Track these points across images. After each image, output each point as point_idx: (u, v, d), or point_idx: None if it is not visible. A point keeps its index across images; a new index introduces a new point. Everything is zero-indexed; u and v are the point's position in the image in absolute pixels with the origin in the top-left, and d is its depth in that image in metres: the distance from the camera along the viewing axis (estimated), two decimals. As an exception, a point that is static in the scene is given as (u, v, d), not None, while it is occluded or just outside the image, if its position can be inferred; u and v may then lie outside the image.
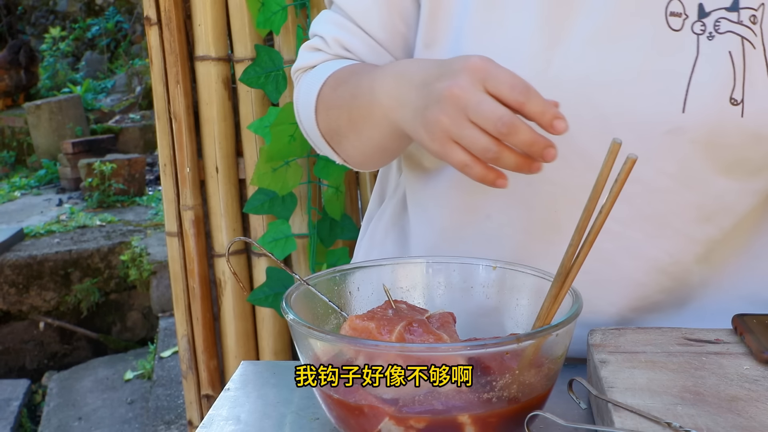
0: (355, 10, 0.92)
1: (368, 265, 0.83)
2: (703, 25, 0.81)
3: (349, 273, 0.82)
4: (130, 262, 4.34)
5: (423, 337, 0.69)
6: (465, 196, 0.90)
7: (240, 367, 0.88)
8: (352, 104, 0.85)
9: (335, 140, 0.91)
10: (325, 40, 0.94)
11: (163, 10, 1.80)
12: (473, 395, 0.63)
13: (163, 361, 3.49)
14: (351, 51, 0.93)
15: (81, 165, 5.76)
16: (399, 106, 0.77)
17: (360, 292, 0.81)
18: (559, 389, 0.71)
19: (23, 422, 3.44)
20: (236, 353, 1.96)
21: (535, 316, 0.71)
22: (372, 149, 0.88)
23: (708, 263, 0.89)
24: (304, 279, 0.77)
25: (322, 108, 0.90)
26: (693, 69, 0.80)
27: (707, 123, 0.80)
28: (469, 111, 0.68)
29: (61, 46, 8.97)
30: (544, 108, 0.67)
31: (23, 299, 4.32)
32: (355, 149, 0.90)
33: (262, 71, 1.75)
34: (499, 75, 0.69)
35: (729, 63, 0.80)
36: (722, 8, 0.80)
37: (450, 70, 0.71)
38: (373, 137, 0.85)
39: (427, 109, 0.72)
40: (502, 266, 0.80)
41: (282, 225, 1.79)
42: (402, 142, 0.85)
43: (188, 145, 1.86)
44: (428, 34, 0.88)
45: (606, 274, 0.87)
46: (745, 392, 0.66)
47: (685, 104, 0.80)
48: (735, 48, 0.81)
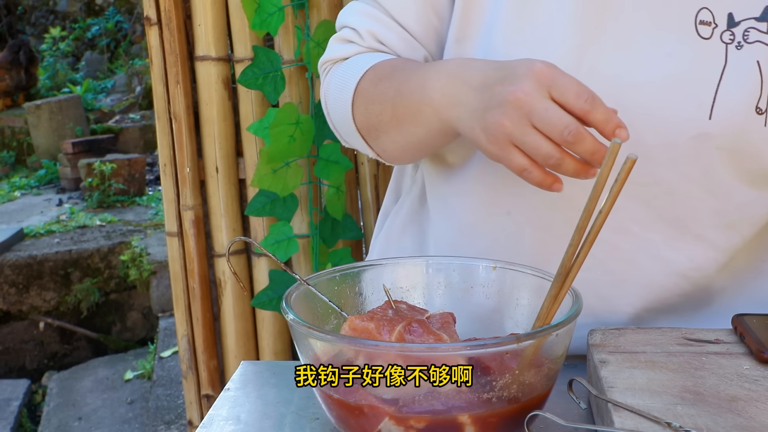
0: (391, 3, 0.91)
1: (368, 265, 0.83)
2: (732, 35, 0.81)
3: (349, 273, 0.82)
4: (130, 262, 4.35)
5: (423, 338, 0.69)
6: (488, 192, 0.90)
7: (240, 367, 0.88)
8: (397, 100, 0.84)
9: (372, 135, 0.90)
10: (359, 32, 0.93)
11: (163, 10, 1.80)
12: (473, 395, 0.63)
13: (163, 361, 3.49)
14: (386, 44, 0.92)
15: (81, 165, 5.76)
16: (454, 105, 0.77)
17: (360, 292, 0.81)
18: (559, 389, 0.71)
19: (23, 422, 3.44)
20: (236, 353, 1.96)
21: (535, 316, 0.71)
22: (414, 145, 0.88)
23: (728, 270, 0.90)
24: (304, 279, 0.77)
25: (360, 102, 0.89)
26: (721, 77, 0.81)
27: (733, 131, 0.81)
28: (533, 117, 0.69)
29: (61, 46, 8.97)
30: (608, 117, 0.69)
31: (23, 299, 4.32)
32: (394, 144, 0.89)
33: (260, 72, 1.75)
34: (564, 82, 0.69)
35: (757, 72, 0.81)
36: (752, 18, 0.81)
37: (513, 74, 0.72)
38: (417, 134, 0.85)
39: (487, 111, 0.72)
40: (502, 266, 0.80)
41: (284, 226, 1.79)
42: (447, 139, 0.85)
43: (188, 145, 1.86)
44: (461, 29, 0.88)
45: (626, 275, 0.87)
46: (745, 392, 0.66)
47: (712, 111, 0.81)
48: (763, 58, 0.81)
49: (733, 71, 0.81)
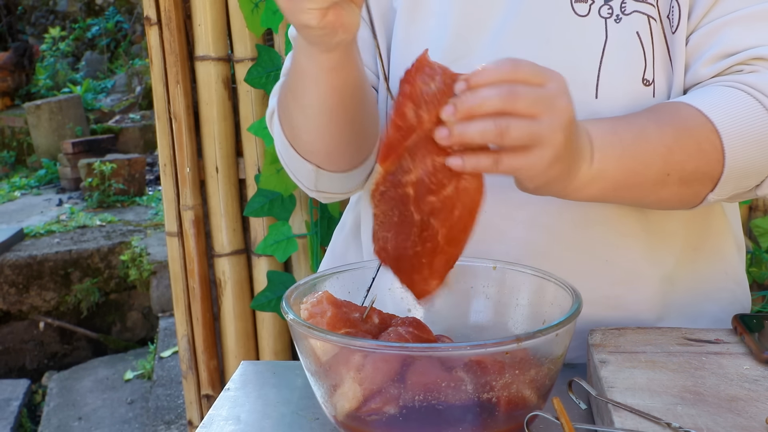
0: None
1: (369, 264, 0.83)
2: (610, 8, 0.82)
3: (354, 273, 0.82)
4: (130, 262, 4.34)
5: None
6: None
7: (240, 367, 0.88)
8: (289, 80, 0.84)
9: (293, 135, 0.89)
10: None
11: (163, 10, 1.80)
12: (473, 395, 0.63)
13: (163, 361, 3.49)
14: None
15: (81, 165, 5.76)
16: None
17: (358, 293, 0.81)
18: (559, 389, 0.71)
19: (23, 422, 3.44)
20: (236, 353, 1.96)
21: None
22: (315, 115, 0.84)
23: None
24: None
25: (280, 110, 0.90)
26: (603, 54, 0.81)
27: (622, 105, 0.82)
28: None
29: (61, 46, 8.97)
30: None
31: (23, 299, 4.32)
32: (305, 125, 0.86)
33: (263, 71, 1.75)
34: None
35: (638, 44, 0.82)
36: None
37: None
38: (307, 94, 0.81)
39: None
40: (502, 266, 0.80)
41: (283, 227, 1.79)
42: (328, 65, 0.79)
43: (188, 145, 1.86)
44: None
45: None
46: (745, 392, 0.66)
47: (597, 90, 0.82)
48: (642, 28, 0.82)
49: (615, 45, 0.81)
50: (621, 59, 0.81)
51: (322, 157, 0.89)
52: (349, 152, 0.90)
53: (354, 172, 0.91)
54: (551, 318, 0.71)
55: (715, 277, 0.93)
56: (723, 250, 0.95)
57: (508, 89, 0.63)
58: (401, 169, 0.65)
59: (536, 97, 0.64)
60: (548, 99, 0.65)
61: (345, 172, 0.90)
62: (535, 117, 0.64)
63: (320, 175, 0.90)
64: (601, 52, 0.81)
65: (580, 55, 0.81)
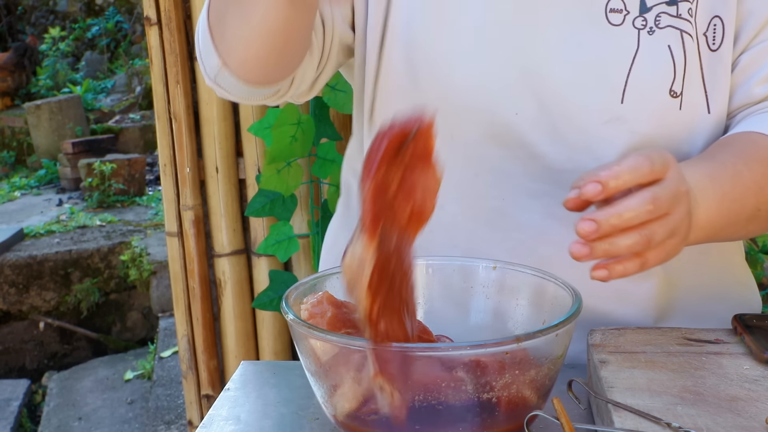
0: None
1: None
2: (645, 20, 0.83)
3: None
4: (130, 262, 4.35)
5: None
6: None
7: (240, 367, 0.88)
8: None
9: (218, 29, 0.83)
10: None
11: (163, 10, 1.80)
12: (473, 395, 0.63)
13: (163, 361, 3.49)
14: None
15: (81, 165, 5.76)
16: None
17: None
18: (559, 389, 0.71)
19: (23, 422, 3.44)
20: (236, 353, 1.96)
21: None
22: (248, 29, 0.79)
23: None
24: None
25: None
26: (633, 61, 0.83)
27: (646, 114, 0.83)
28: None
29: (61, 46, 8.96)
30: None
31: (23, 299, 4.32)
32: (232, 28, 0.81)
33: (262, 71, 1.75)
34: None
35: (669, 56, 0.83)
36: (662, 2, 0.83)
37: None
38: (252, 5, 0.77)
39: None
40: (502, 266, 0.80)
41: (284, 226, 1.79)
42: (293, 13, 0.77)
43: (188, 145, 1.86)
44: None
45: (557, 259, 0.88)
46: (745, 392, 0.66)
47: (624, 95, 0.82)
48: (675, 42, 0.83)
49: (646, 56, 0.83)
50: (650, 69, 0.83)
51: (235, 61, 0.84)
52: (263, 73, 0.86)
53: (259, 89, 0.88)
54: (551, 318, 0.71)
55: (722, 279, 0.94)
56: (731, 249, 0.96)
57: (652, 201, 0.65)
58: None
59: (669, 195, 0.67)
60: (676, 191, 0.68)
61: (250, 84, 0.86)
62: (670, 214, 0.67)
63: (223, 72, 0.85)
64: (631, 59, 0.82)
65: (609, 61, 0.83)
